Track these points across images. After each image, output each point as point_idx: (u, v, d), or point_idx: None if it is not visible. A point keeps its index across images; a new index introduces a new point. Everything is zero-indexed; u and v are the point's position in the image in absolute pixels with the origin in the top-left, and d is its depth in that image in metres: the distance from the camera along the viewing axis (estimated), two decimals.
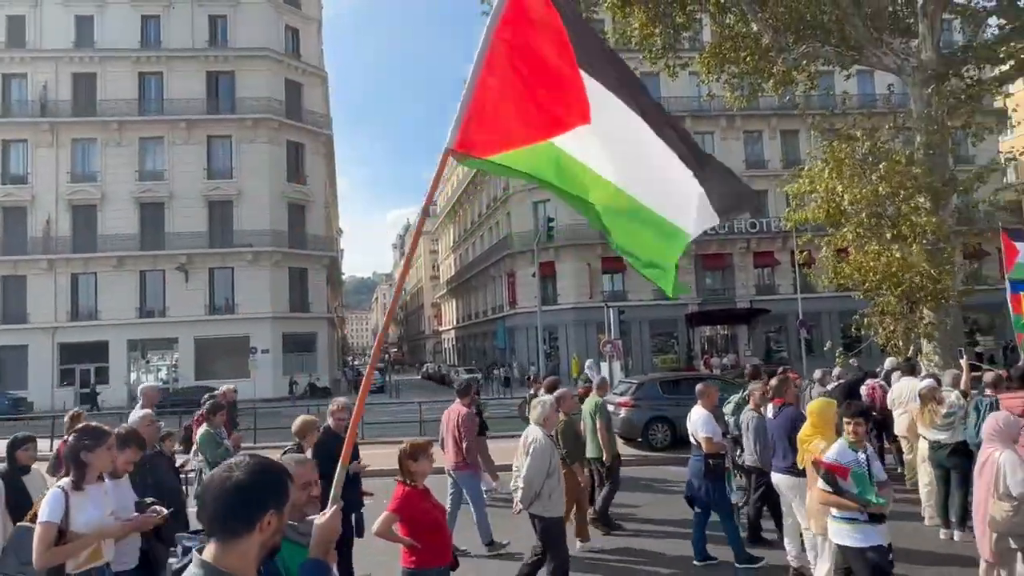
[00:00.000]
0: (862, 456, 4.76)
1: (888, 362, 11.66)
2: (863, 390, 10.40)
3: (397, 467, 4.12)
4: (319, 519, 2.27)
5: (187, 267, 36.73)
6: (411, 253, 3.61)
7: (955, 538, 7.43)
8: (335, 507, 2.34)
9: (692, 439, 7.12)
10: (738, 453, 7.72)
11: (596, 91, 2.82)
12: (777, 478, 6.46)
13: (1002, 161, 22.51)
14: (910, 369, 9.99)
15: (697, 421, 7.00)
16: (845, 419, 4.99)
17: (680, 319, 38.32)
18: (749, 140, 40.15)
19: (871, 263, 13.32)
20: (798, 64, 16.01)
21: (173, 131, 37.57)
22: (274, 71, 39.14)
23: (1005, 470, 4.62)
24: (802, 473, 6.14)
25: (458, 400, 8.21)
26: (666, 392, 14.71)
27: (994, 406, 6.98)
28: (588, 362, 18.09)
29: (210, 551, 1.64)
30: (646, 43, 16.20)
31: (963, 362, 9.18)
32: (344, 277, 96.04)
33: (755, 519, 7.60)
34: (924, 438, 7.87)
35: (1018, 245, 10.33)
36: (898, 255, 12.90)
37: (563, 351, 37.54)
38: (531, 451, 5.67)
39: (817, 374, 10.09)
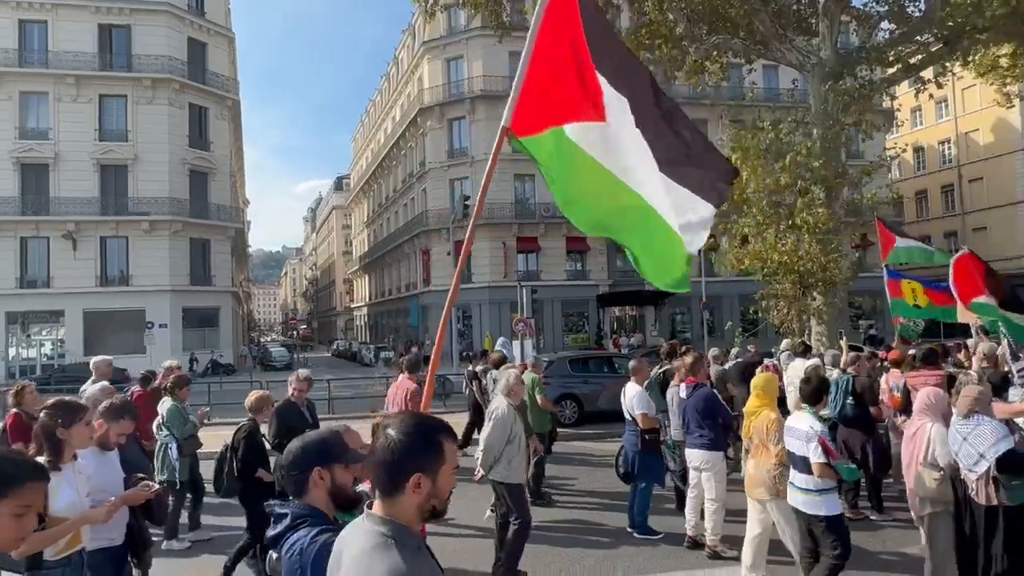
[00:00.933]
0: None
1: (784, 343, 12.39)
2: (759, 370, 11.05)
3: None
4: None
5: (75, 235, 34.13)
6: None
7: None
8: None
9: (627, 415, 7.31)
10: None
11: (612, 95, 2.97)
12: (690, 453, 6.77)
13: (888, 158, 24.18)
14: (804, 350, 10.68)
15: (632, 398, 7.22)
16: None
17: (591, 300, 39.25)
18: None
19: (769, 251, 14.12)
20: (710, 55, 16.56)
21: (59, 86, 34.57)
22: (175, 28, 36.65)
23: (935, 442, 5.02)
24: (714, 447, 6.57)
25: (405, 375, 8.19)
26: (575, 370, 15.08)
27: (850, 383, 7.69)
28: (500, 340, 18.19)
29: (377, 505, 1.79)
30: None
31: (843, 343, 9.94)
32: (251, 250, 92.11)
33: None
34: None
35: (894, 234, 11.16)
36: (792, 244, 13.73)
37: (476, 329, 37.68)
38: (492, 418, 6.03)
39: (714, 351, 10.61)
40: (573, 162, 3.07)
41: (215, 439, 7.23)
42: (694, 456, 6.72)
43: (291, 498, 2.27)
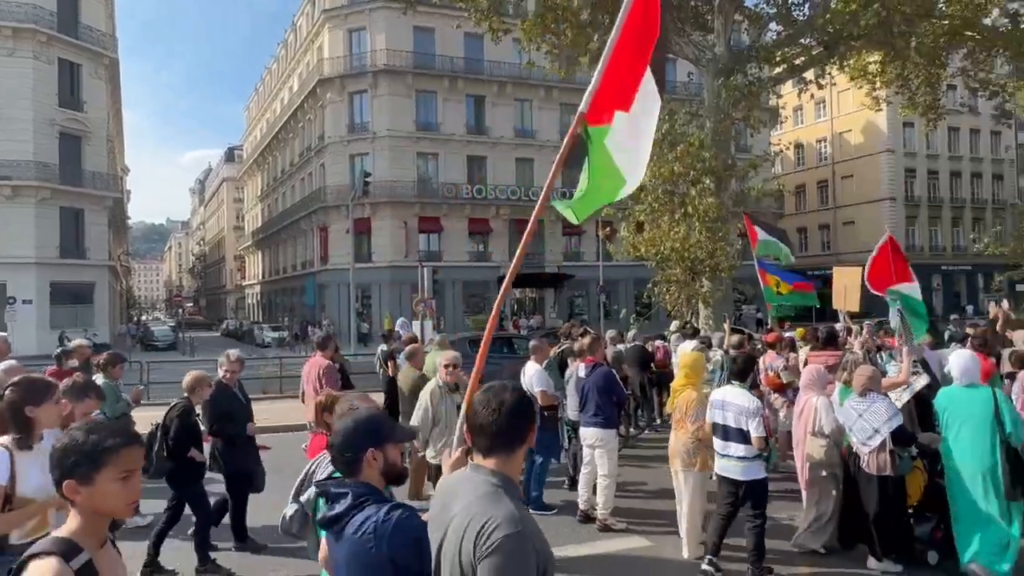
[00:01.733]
0: None
1: (674, 325, 13.01)
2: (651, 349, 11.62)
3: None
4: (448, 460, 2.67)
5: None
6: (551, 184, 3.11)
7: (713, 477, 8.56)
8: (462, 447, 2.58)
9: (527, 393, 7.38)
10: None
11: (646, 89, 3.08)
12: (585, 431, 6.97)
13: (772, 154, 25.71)
14: (693, 333, 11.27)
15: (532, 376, 7.36)
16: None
17: (492, 281, 39.47)
18: (565, 111, 41.88)
19: (662, 238, 14.73)
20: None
21: None
22: None
23: (820, 413, 5.61)
24: (608, 425, 6.83)
25: (318, 353, 8.21)
26: (474, 351, 15.10)
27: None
28: (400, 320, 18.00)
29: (491, 463, 2.05)
30: (471, 2, 16.18)
31: (726, 325, 10.56)
32: (131, 222, 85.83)
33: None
34: None
35: (756, 228, 11.88)
36: (684, 232, 14.39)
37: (376, 310, 37.07)
38: (423, 399, 6.49)
39: (611, 333, 10.99)
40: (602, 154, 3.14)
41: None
42: (588, 434, 6.95)
43: (341, 477, 2.37)
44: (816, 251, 50.69)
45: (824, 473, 5.73)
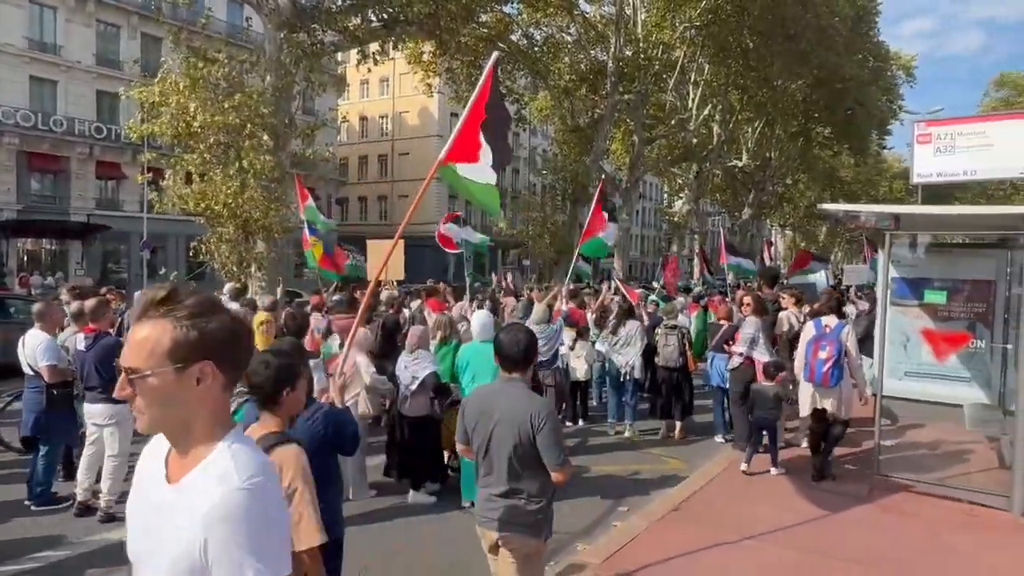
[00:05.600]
0: None
1: (227, 287, 12.18)
2: None
3: None
4: (333, 385, 3.78)
5: None
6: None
7: None
8: (342, 378, 4.08)
9: (28, 368, 6.11)
10: None
11: (485, 146, 4.55)
12: (91, 408, 5.96)
13: (332, 120, 26.21)
14: (237, 294, 10.69)
15: (38, 347, 6.02)
16: None
17: None
18: (104, 34, 35.25)
19: (214, 192, 13.62)
20: None
21: None
22: None
23: (361, 369, 6.11)
24: (119, 400, 5.91)
25: None
26: None
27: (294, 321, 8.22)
28: None
29: (519, 376, 3.24)
30: None
31: (279, 289, 10.38)
32: None
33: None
34: None
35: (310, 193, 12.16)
36: (237, 188, 13.57)
37: None
38: None
39: (137, 295, 9.70)
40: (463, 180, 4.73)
41: None
42: (96, 411, 5.95)
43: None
44: (375, 220, 54.10)
45: (370, 421, 6.54)
